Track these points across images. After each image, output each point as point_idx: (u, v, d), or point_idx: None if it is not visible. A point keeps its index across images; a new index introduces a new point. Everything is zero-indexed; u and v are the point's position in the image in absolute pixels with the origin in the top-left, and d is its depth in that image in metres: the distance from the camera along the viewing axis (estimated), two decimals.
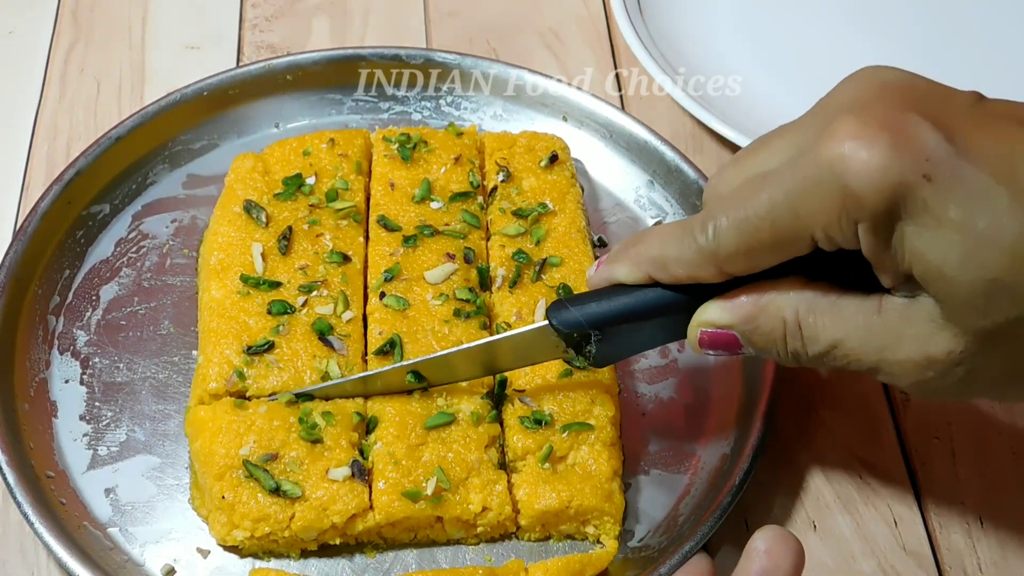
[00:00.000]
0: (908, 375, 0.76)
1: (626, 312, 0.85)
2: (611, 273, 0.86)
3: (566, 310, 0.87)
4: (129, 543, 0.91)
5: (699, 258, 0.80)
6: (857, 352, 0.77)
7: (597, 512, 0.90)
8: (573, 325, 0.86)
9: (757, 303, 0.80)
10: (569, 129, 1.17)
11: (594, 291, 0.88)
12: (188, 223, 1.10)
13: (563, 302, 0.87)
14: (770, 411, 0.95)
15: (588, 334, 0.86)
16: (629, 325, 0.86)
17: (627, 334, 0.87)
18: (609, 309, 0.86)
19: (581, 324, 0.86)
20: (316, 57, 1.18)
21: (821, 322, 0.78)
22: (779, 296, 0.79)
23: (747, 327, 0.81)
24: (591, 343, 0.87)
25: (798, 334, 0.79)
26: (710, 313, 0.82)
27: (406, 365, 0.94)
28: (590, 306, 0.86)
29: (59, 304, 1.04)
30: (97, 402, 0.98)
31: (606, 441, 0.92)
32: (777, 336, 0.80)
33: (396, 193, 1.06)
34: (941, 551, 0.94)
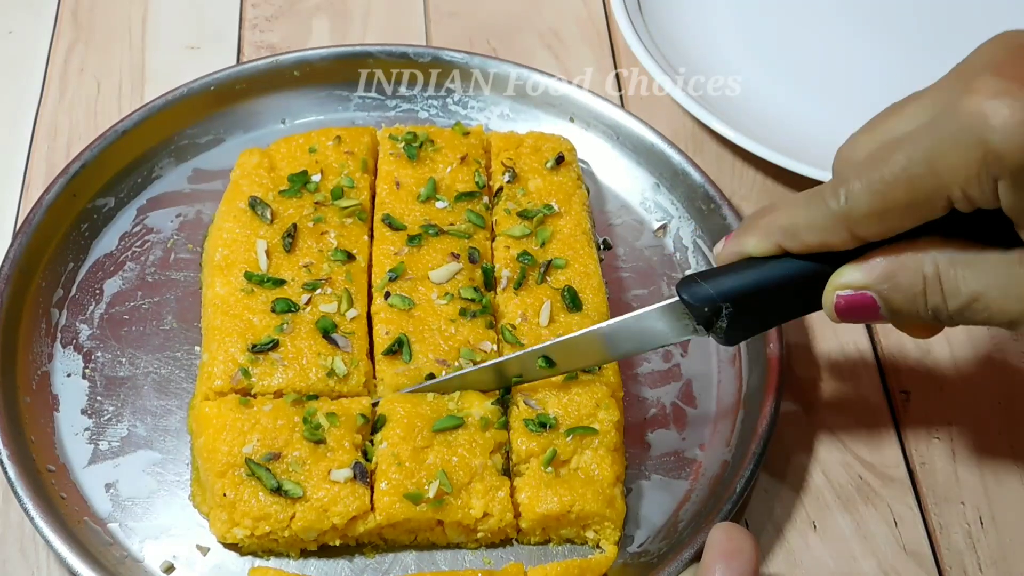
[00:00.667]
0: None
1: (758, 283, 0.84)
2: (741, 246, 0.85)
3: (697, 284, 0.85)
4: (129, 538, 0.91)
5: (831, 223, 0.79)
6: (1000, 303, 0.77)
7: (598, 517, 0.90)
8: (704, 299, 0.85)
9: (895, 260, 0.80)
10: (576, 130, 1.17)
11: (724, 266, 0.86)
12: (193, 218, 1.10)
13: (693, 277, 0.86)
14: (772, 420, 0.95)
15: (719, 308, 0.84)
16: (761, 298, 0.85)
17: (759, 307, 0.86)
18: (741, 281, 0.84)
19: (713, 298, 0.84)
20: (324, 53, 1.19)
21: (962, 275, 0.78)
22: (917, 253, 0.79)
23: (885, 286, 0.80)
24: (722, 318, 0.85)
25: (938, 288, 0.79)
26: (846, 276, 0.82)
27: (536, 350, 0.93)
28: (720, 278, 0.85)
29: (62, 297, 1.03)
30: (99, 396, 0.98)
31: (609, 446, 0.92)
32: (917, 292, 0.79)
33: (402, 192, 1.06)
34: (941, 551, 0.95)
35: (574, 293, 1.00)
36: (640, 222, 1.13)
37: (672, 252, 1.11)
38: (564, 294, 1.00)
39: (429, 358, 0.95)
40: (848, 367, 1.05)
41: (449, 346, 0.96)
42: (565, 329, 0.98)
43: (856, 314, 0.82)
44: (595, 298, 1.01)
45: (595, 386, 0.95)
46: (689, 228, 1.11)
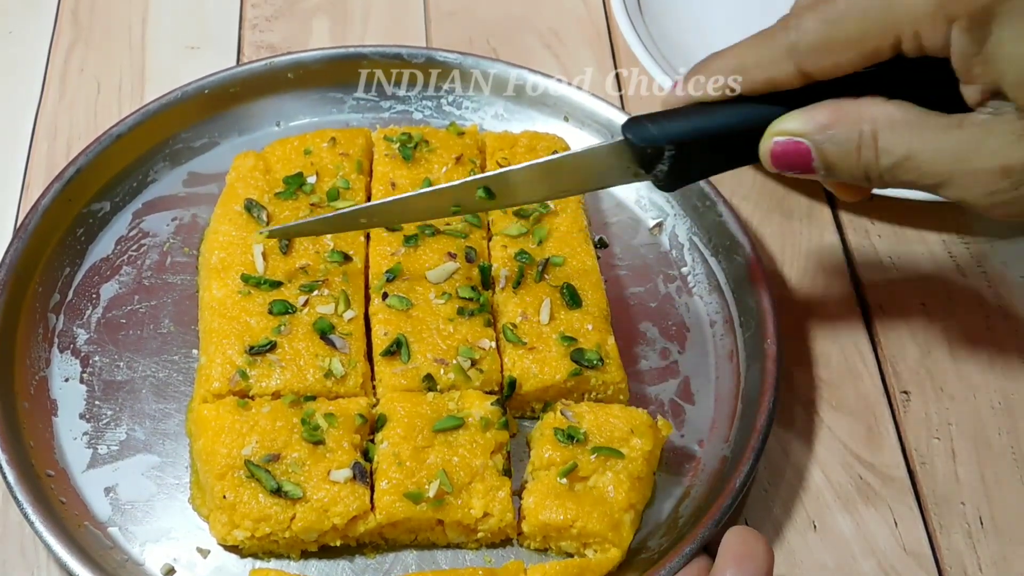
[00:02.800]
0: (980, 186, 0.77)
1: (703, 128, 0.85)
2: (689, 89, 0.86)
3: (642, 125, 0.86)
4: (129, 542, 0.91)
5: (779, 55, 0.80)
6: (931, 164, 0.78)
7: (599, 538, 0.89)
8: (648, 140, 0.85)
9: (836, 111, 0.80)
10: (570, 129, 1.17)
11: (671, 109, 0.87)
12: (189, 221, 1.10)
13: (639, 117, 0.86)
14: (770, 416, 0.95)
15: (661, 150, 0.85)
16: (704, 143, 0.85)
17: (701, 152, 0.86)
18: (686, 125, 0.85)
19: (656, 139, 0.85)
20: (318, 55, 1.18)
21: (898, 134, 0.79)
22: (859, 106, 0.80)
23: (822, 136, 0.81)
24: (663, 161, 0.85)
25: (872, 145, 0.79)
26: (786, 123, 0.82)
27: (477, 180, 0.92)
28: (666, 121, 0.85)
29: (59, 302, 1.04)
30: (97, 400, 0.98)
31: (633, 473, 0.91)
32: (852, 147, 0.80)
33: (397, 193, 1.06)
34: (941, 551, 0.94)
35: (573, 290, 1.00)
36: (636, 220, 1.13)
37: (668, 250, 1.11)
38: (563, 291, 1.00)
39: (428, 358, 0.95)
40: (848, 367, 1.05)
41: (448, 345, 0.96)
42: (566, 326, 0.98)
43: (790, 162, 0.83)
44: (594, 294, 1.01)
45: (636, 413, 0.94)
46: (685, 226, 1.11)
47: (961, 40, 0.73)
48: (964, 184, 0.78)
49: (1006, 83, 0.74)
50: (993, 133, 0.76)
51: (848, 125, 0.80)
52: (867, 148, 0.80)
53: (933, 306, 1.09)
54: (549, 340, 0.97)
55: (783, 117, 0.83)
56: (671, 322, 1.06)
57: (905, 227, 1.14)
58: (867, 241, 1.13)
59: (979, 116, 0.76)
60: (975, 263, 1.12)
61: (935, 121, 0.78)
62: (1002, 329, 1.08)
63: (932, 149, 0.78)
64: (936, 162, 0.78)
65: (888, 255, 1.12)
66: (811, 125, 0.81)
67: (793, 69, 0.80)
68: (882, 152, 0.79)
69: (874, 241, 1.13)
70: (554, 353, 0.97)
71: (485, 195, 0.92)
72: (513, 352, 0.97)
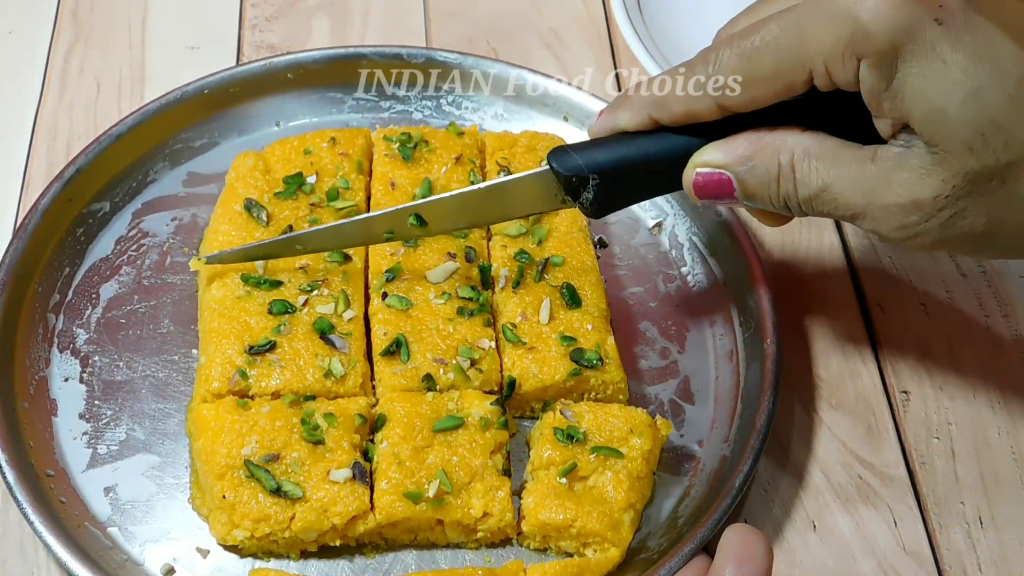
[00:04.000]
0: (892, 219, 0.79)
1: (626, 157, 0.87)
2: (614, 120, 0.88)
3: (567, 155, 0.88)
4: (129, 542, 0.91)
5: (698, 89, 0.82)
6: (846, 196, 0.80)
7: (599, 538, 0.89)
8: (573, 169, 0.87)
9: (755, 144, 0.83)
10: (570, 129, 1.17)
11: (596, 139, 0.89)
12: (188, 221, 1.10)
13: (564, 147, 0.89)
14: (770, 415, 0.95)
15: (587, 179, 0.87)
16: (628, 171, 0.87)
17: (625, 181, 0.88)
18: (610, 154, 0.87)
19: (580, 167, 0.87)
20: (317, 56, 1.18)
21: (815, 166, 0.80)
22: (776, 138, 0.82)
23: (742, 167, 0.83)
24: (589, 189, 0.88)
25: (791, 176, 0.81)
26: (707, 154, 0.85)
27: (408, 207, 0.95)
28: (590, 150, 0.88)
29: (59, 302, 1.04)
30: (97, 400, 0.98)
31: (632, 472, 0.91)
32: (771, 178, 0.82)
33: (397, 192, 1.06)
34: (941, 551, 0.94)
35: (573, 290, 1.00)
36: (635, 220, 1.13)
37: (668, 250, 1.11)
38: (563, 291, 1.00)
39: (427, 358, 0.95)
40: (848, 367, 1.05)
41: (447, 345, 0.96)
42: (566, 326, 0.98)
43: (712, 193, 0.85)
44: (594, 294, 1.01)
45: (635, 412, 0.94)
46: (684, 226, 1.11)
47: (869, 77, 0.75)
48: (877, 217, 0.80)
49: (913, 119, 0.76)
50: (903, 167, 0.77)
51: (766, 157, 0.82)
52: (786, 179, 0.82)
53: (933, 306, 1.09)
54: (549, 340, 0.97)
55: (704, 149, 0.85)
56: (671, 322, 1.06)
57: None
58: (867, 241, 1.13)
59: (891, 149, 0.78)
60: (975, 263, 1.12)
61: (850, 153, 0.80)
62: (1002, 329, 1.07)
63: (847, 181, 0.80)
64: (851, 194, 0.80)
65: (888, 255, 1.12)
66: (731, 157, 0.84)
67: (712, 103, 0.83)
68: (800, 183, 0.81)
69: (874, 241, 1.13)
70: (554, 353, 0.97)
71: (417, 222, 0.95)
72: (513, 352, 0.97)
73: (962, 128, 0.74)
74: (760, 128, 0.83)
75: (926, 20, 0.73)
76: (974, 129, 0.74)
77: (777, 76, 0.79)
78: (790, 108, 0.82)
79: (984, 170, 0.75)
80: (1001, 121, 0.73)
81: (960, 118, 0.74)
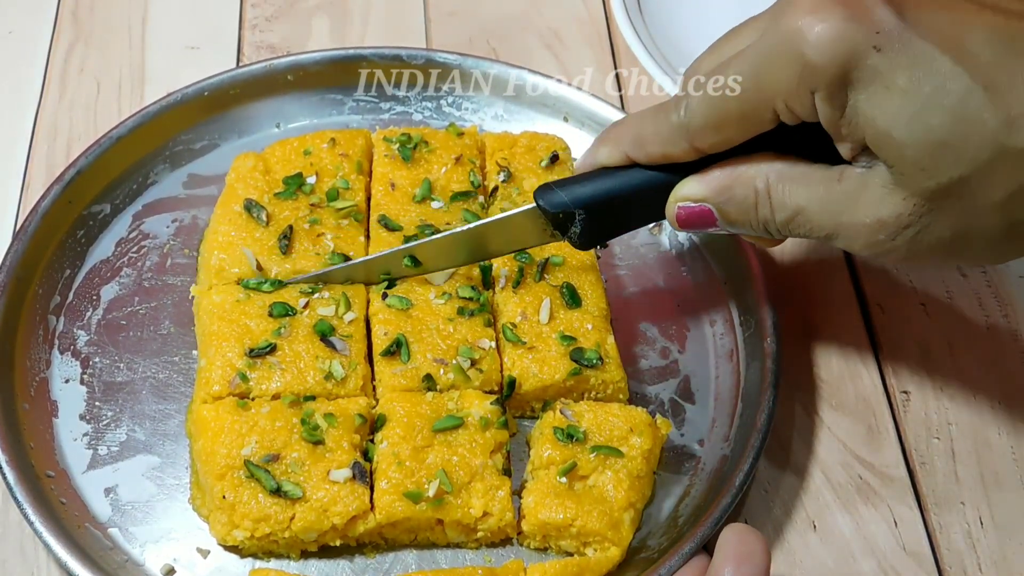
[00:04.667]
0: (861, 237, 0.81)
1: (609, 192, 0.90)
2: (594, 156, 0.92)
3: (552, 192, 0.91)
4: (129, 543, 0.91)
5: (672, 134, 0.85)
6: (818, 217, 0.82)
7: (599, 537, 0.89)
8: (559, 205, 0.91)
9: (731, 175, 0.85)
10: (570, 130, 1.17)
11: (579, 175, 0.92)
12: (189, 223, 1.10)
13: (549, 184, 0.92)
14: (770, 415, 0.95)
15: (573, 214, 0.91)
16: (611, 205, 0.91)
17: (610, 214, 0.92)
18: (593, 189, 0.91)
19: (566, 204, 0.91)
20: (317, 57, 1.18)
21: (788, 189, 0.83)
22: (751, 167, 0.84)
23: (721, 198, 0.86)
24: (576, 223, 0.91)
25: (768, 202, 0.84)
26: (686, 188, 0.87)
27: (402, 249, 0.98)
28: (574, 187, 0.91)
29: (60, 304, 1.04)
30: (97, 402, 0.98)
31: (632, 472, 0.91)
32: (749, 205, 0.85)
33: (397, 193, 1.06)
34: (941, 551, 0.94)
35: (573, 289, 1.00)
36: None
37: (668, 250, 1.11)
38: (563, 291, 1.00)
39: (427, 358, 0.95)
40: (848, 367, 1.05)
41: (448, 345, 0.96)
42: (566, 326, 0.98)
43: (696, 224, 0.88)
44: (594, 293, 1.01)
45: (635, 411, 0.95)
46: None
47: (824, 107, 0.77)
48: (848, 236, 0.81)
49: (869, 143, 0.77)
50: (866, 187, 0.79)
51: (743, 185, 0.85)
52: (763, 205, 0.84)
53: (933, 306, 1.09)
54: (549, 340, 0.97)
55: (683, 183, 0.88)
56: (671, 321, 1.06)
57: None
58: None
59: (855, 170, 0.80)
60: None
61: (820, 175, 0.82)
62: (1002, 329, 1.07)
63: (818, 203, 0.82)
64: (822, 215, 0.82)
65: None
66: (709, 189, 0.86)
67: (687, 146, 0.86)
68: (776, 207, 0.84)
69: None
70: (554, 352, 0.97)
71: (411, 263, 0.98)
72: (513, 352, 0.97)
73: (911, 150, 0.75)
74: (735, 158, 0.85)
75: (866, 47, 0.74)
76: (922, 150, 0.75)
77: (744, 118, 0.82)
78: (762, 135, 0.83)
79: (939, 187, 0.76)
80: (946, 139, 0.74)
81: (907, 141, 0.75)
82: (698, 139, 0.84)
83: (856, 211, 0.80)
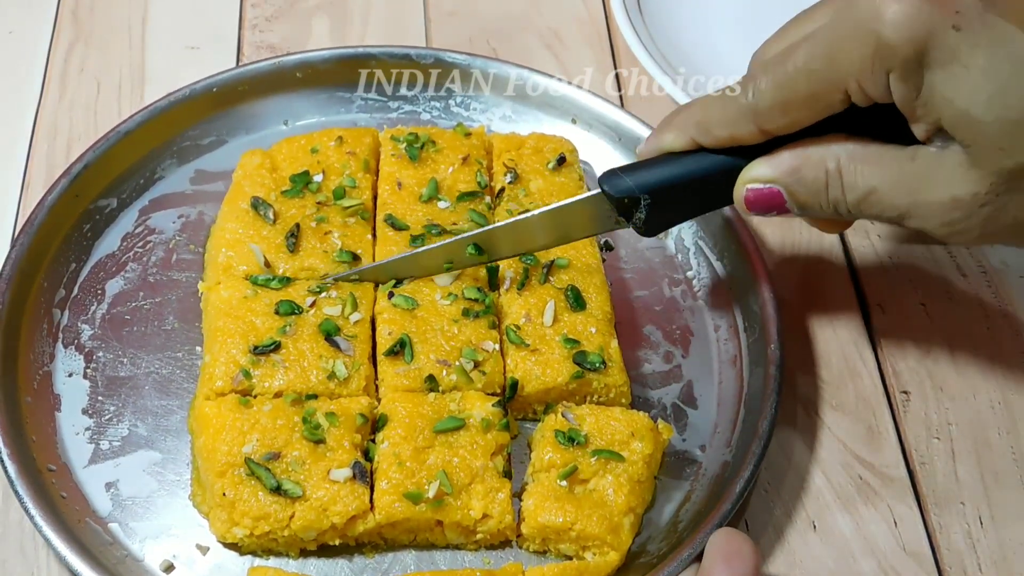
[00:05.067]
0: (936, 216, 0.81)
1: (674, 177, 0.90)
2: (659, 142, 0.91)
3: (617, 177, 0.91)
4: (129, 538, 0.91)
5: (740, 116, 0.85)
6: (891, 197, 0.82)
7: (598, 541, 0.89)
8: (624, 191, 0.90)
9: (801, 155, 0.85)
10: (578, 132, 1.17)
11: (644, 160, 0.92)
12: (195, 219, 1.10)
13: (614, 170, 0.91)
14: (773, 421, 0.95)
15: (638, 200, 0.90)
16: (677, 190, 0.90)
17: (676, 199, 0.91)
18: (658, 175, 0.90)
19: (632, 190, 0.90)
20: (326, 55, 1.18)
21: (860, 169, 0.83)
22: (821, 148, 0.84)
23: (791, 179, 0.85)
24: (640, 209, 0.90)
25: (839, 182, 0.83)
26: (755, 170, 0.87)
27: (466, 237, 0.98)
28: (640, 172, 0.90)
29: (64, 298, 1.03)
30: (100, 396, 0.98)
31: (633, 476, 0.91)
32: (820, 186, 0.84)
33: (403, 192, 1.06)
34: (941, 551, 0.95)
35: (577, 292, 1.00)
36: None
37: (674, 253, 1.11)
38: (567, 293, 1.00)
39: (431, 359, 0.95)
40: (848, 367, 1.05)
41: (451, 346, 0.96)
42: (570, 328, 0.98)
43: (764, 206, 0.87)
44: (598, 296, 1.01)
45: (637, 416, 0.95)
46: (691, 230, 1.11)
47: (899, 87, 0.78)
48: (922, 215, 0.82)
49: (945, 123, 0.78)
50: (942, 166, 0.79)
51: (813, 166, 0.84)
52: (834, 185, 0.84)
53: (933, 306, 1.10)
54: (552, 342, 0.97)
55: (752, 164, 0.87)
56: (675, 326, 1.06)
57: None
58: (867, 241, 1.14)
59: (929, 150, 0.80)
60: (975, 263, 1.12)
61: (892, 154, 0.82)
62: (1002, 329, 1.08)
63: (891, 182, 0.82)
64: (895, 194, 0.82)
65: (888, 255, 1.13)
66: (779, 170, 0.86)
67: (754, 128, 0.85)
68: (848, 187, 0.84)
69: (874, 241, 1.14)
70: (557, 355, 0.97)
71: (475, 251, 0.98)
72: (516, 354, 0.97)
73: (990, 129, 0.75)
74: (804, 139, 0.85)
75: (944, 27, 0.75)
76: (1001, 129, 0.75)
77: (814, 99, 0.81)
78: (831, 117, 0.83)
79: (1017, 167, 0.77)
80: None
81: (986, 120, 0.75)
82: (767, 121, 0.84)
83: (931, 190, 0.80)
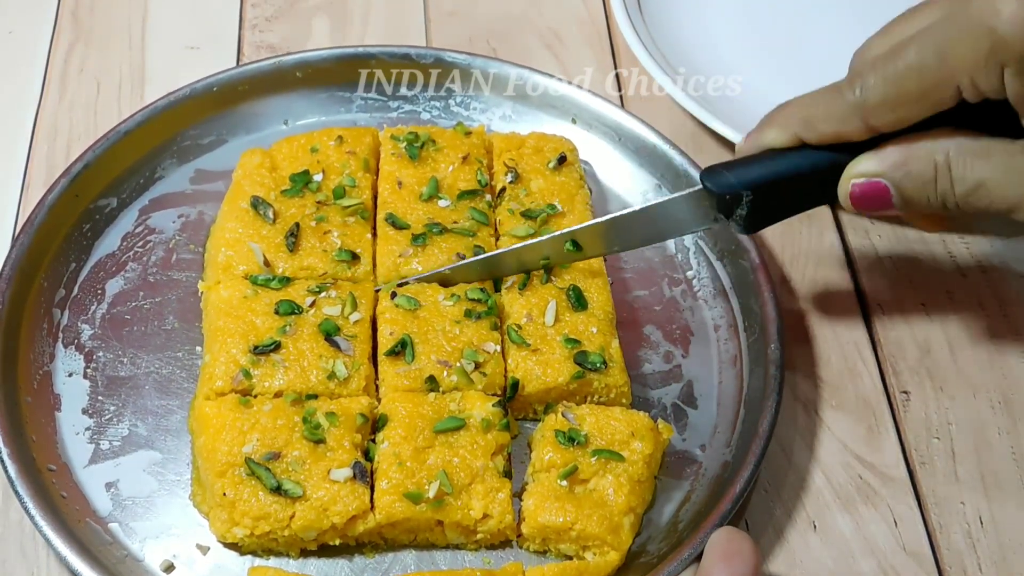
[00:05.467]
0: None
1: (777, 173, 0.89)
2: (761, 138, 0.91)
3: (720, 173, 0.90)
4: (129, 538, 0.91)
5: (846, 113, 0.85)
6: (1001, 190, 0.82)
7: (598, 541, 0.89)
8: (726, 187, 0.90)
9: (908, 150, 0.85)
10: (578, 131, 1.17)
11: (745, 156, 0.91)
12: (195, 218, 1.10)
13: (716, 166, 0.91)
14: (773, 421, 0.95)
15: (740, 196, 0.89)
16: (780, 186, 0.90)
17: (778, 196, 0.91)
18: (761, 171, 0.90)
19: (734, 186, 0.89)
20: (326, 55, 1.18)
21: (970, 162, 0.83)
22: (929, 142, 0.84)
23: (898, 173, 0.85)
24: (742, 206, 0.90)
25: (947, 175, 0.84)
26: (862, 165, 0.87)
27: (565, 233, 0.97)
28: (742, 168, 0.90)
29: (64, 297, 1.04)
30: (100, 396, 0.98)
31: (633, 476, 0.91)
32: (928, 179, 0.85)
33: (404, 191, 1.06)
34: (941, 551, 0.95)
35: (579, 292, 1.00)
36: None
37: (673, 253, 1.11)
38: (569, 293, 1.00)
39: (432, 359, 0.95)
40: (848, 367, 1.05)
41: (452, 347, 0.96)
42: (571, 328, 0.98)
43: (870, 202, 0.87)
44: (600, 296, 1.01)
45: (637, 416, 0.95)
46: None
47: (1014, 83, 0.78)
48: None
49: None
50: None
51: (921, 159, 0.84)
52: (943, 179, 0.84)
53: (933, 306, 1.10)
54: (553, 342, 0.97)
55: (858, 159, 0.87)
56: (675, 326, 1.06)
57: (905, 227, 1.15)
58: (867, 241, 1.14)
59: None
60: (975, 263, 1.13)
61: (1002, 147, 0.82)
62: (1002, 329, 1.08)
63: (1001, 175, 0.82)
64: (1006, 188, 0.82)
65: (888, 255, 1.13)
66: (886, 164, 0.86)
67: (861, 125, 0.85)
68: (956, 180, 0.84)
69: (874, 241, 1.14)
70: (557, 355, 0.97)
71: (573, 247, 0.98)
72: (517, 353, 0.97)
73: None
74: (911, 134, 0.85)
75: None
76: None
77: (924, 96, 0.82)
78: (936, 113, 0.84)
79: None
80: None
81: None
82: (874, 117, 0.84)
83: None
